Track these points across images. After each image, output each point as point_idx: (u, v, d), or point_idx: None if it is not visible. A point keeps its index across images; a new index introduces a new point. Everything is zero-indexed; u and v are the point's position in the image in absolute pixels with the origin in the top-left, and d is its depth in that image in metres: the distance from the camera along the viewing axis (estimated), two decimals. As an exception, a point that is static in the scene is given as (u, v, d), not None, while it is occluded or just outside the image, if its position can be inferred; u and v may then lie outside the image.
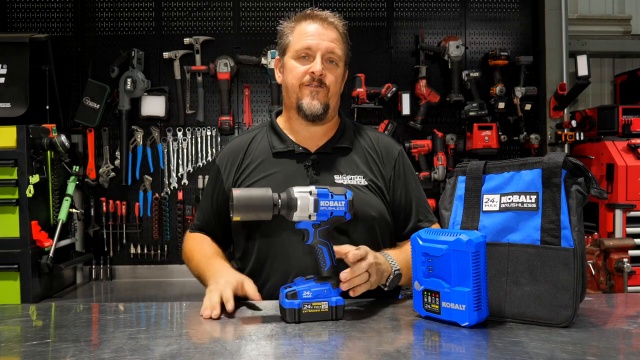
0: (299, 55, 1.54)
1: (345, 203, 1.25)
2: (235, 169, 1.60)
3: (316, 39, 1.52)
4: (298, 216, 1.22)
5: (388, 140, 1.68)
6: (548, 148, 3.29)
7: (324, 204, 1.22)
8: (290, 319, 1.21)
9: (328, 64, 1.53)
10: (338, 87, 1.58)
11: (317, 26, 1.54)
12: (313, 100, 1.52)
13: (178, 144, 3.21)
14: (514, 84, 3.26)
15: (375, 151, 1.61)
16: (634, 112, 3.21)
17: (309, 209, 1.21)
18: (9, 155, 2.52)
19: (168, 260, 3.21)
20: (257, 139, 1.63)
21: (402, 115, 3.23)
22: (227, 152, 1.64)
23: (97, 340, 1.13)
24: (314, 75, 1.51)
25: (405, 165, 1.64)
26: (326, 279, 1.24)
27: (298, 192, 1.21)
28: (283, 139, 1.59)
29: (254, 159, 1.59)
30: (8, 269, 2.53)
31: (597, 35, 3.90)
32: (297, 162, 1.56)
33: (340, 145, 1.59)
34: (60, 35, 3.21)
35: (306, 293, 1.22)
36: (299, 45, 1.53)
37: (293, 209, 1.21)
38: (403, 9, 3.35)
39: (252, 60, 3.17)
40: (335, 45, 1.53)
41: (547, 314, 1.15)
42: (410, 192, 1.61)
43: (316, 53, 1.51)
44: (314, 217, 1.22)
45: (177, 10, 3.26)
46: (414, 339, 1.16)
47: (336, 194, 1.24)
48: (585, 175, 1.17)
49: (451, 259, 1.15)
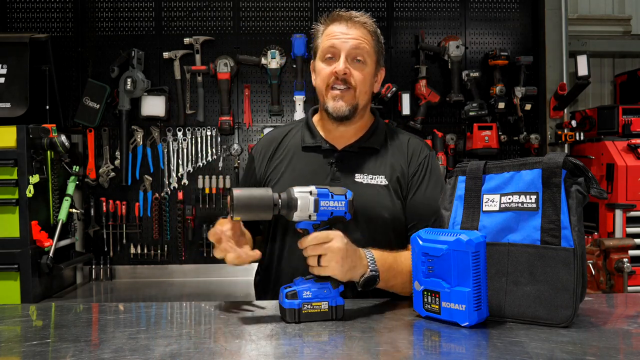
0: (325, 56, 1.54)
1: (345, 203, 1.25)
2: (268, 159, 1.64)
3: (340, 38, 1.51)
4: (298, 216, 1.22)
5: (419, 142, 1.66)
6: (548, 148, 3.29)
7: (324, 204, 1.22)
8: (290, 319, 1.21)
9: (354, 62, 1.52)
10: (367, 86, 1.56)
11: (342, 26, 1.53)
12: (337, 103, 1.52)
13: (178, 144, 3.21)
14: (514, 84, 3.26)
15: (402, 152, 1.61)
16: (634, 112, 3.21)
17: (309, 208, 1.21)
18: (9, 155, 2.52)
19: (168, 260, 3.21)
20: (292, 133, 1.67)
21: (402, 115, 3.23)
22: (263, 143, 1.70)
23: (97, 340, 1.13)
24: (338, 75, 1.50)
25: (429, 169, 1.60)
26: (326, 279, 1.24)
27: (298, 192, 1.21)
28: (314, 135, 1.62)
29: (285, 151, 1.63)
30: (8, 269, 2.53)
31: (597, 35, 3.90)
32: (323, 158, 1.58)
33: (368, 146, 1.59)
34: (60, 35, 3.21)
35: (306, 293, 1.22)
36: (325, 45, 1.54)
37: (293, 209, 1.21)
38: (403, 9, 3.34)
39: (252, 60, 3.17)
40: (360, 41, 1.52)
41: (547, 314, 1.15)
42: (422, 196, 1.57)
43: (340, 52, 1.51)
44: (314, 217, 1.22)
45: (177, 10, 3.26)
46: (414, 339, 1.16)
47: (336, 194, 1.24)
48: (585, 175, 1.17)
49: (451, 259, 1.15)
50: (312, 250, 1.23)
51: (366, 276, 1.30)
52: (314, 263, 1.23)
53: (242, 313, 1.31)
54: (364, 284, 1.31)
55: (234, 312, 1.31)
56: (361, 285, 1.31)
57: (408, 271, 1.40)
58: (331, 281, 1.24)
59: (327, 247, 1.22)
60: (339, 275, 1.24)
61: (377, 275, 1.32)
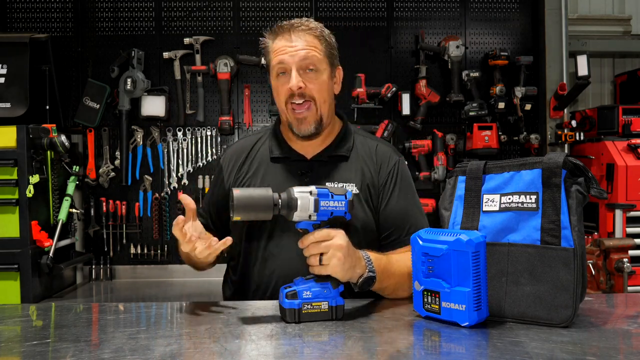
0: (277, 74, 1.50)
1: (345, 203, 1.25)
2: (237, 169, 1.62)
3: (287, 53, 1.47)
4: (298, 216, 1.21)
5: (387, 149, 1.63)
6: (548, 148, 3.29)
7: (324, 204, 1.22)
8: (290, 319, 1.20)
9: (307, 73, 1.48)
10: (326, 94, 1.52)
11: (287, 39, 1.48)
12: (301, 125, 1.51)
13: (178, 144, 3.21)
14: (514, 84, 3.26)
15: (371, 160, 1.59)
16: (634, 112, 3.21)
17: (309, 208, 1.21)
18: (9, 155, 2.52)
19: (168, 260, 3.21)
20: (261, 142, 1.64)
21: (402, 115, 3.23)
22: (231, 153, 1.66)
23: (97, 340, 1.13)
24: (293, 91, 1.47)
25: (399, 177, 1.59)
26: (326, 279, 1.24)
27: (298, 192, 1.21)
28: (281, 145, 1.60)
29: (255, 162, 1.61)
30: (8, 269, 2.52)
31: (597, 35, 3.90)
32: (292, 169, 1.56)
33: (337, 154, 1.58)
34: (60, 35, 3.21)
35: (306, 293, 1.21)
36: (274, 62, 1.50)
37: (293, 209, 1.20)
38: (403, 9, 3.34)
39: (252, 60, 3.17)
40: (309, 50, 1.47)
41: (547, 314, 1.15)
42: (395, 205, 1.56)
43: (291, 67, 1.47)
44: (314, 217, 1.22)
45: (177, 10, 3.26)
46: (414, 339, 1.16)
47: (336, 194, 1.24)
48: (585, 175, 1.17)
49: (451, 259, 1.15)
50: (313, 248, 1.22)
51: (364, 277, 1.30)
52: (315, 262, 1.23)
53: (242, 313, 1.31)
54: (362, 285, 1.30)
55: (234, 312, 1.31)
56: (359, 286, 1.31)
57: (400, 273, 1.41)
58: (331, 281, 1.24)
59: (328, 245, 1.21)
60: (340, 273, 1.23)
61: (375, 277, 1.32)
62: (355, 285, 1.31)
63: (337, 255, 1.21)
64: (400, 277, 1.40)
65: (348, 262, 1.24)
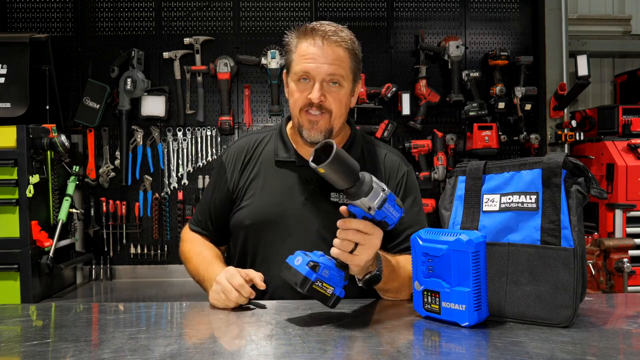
0: (298, 78, 1.47)
1: (399, 217, 1.24)
2: (240, 170, 1.59)
3: (315, 63, 1.43)
4: (361, 202, 1.19)
5: (396, 158, 1.61)
6: (548, 148, 3.29)
7: (387, 207, 1.20)
8: (300, 287, 1.18)
9: (330, 86, 1.45)
10: (343, 109, 1.50)
11: (317, 47, 1.43)
12: (312, 131, 1.48)
13: (178, 144, 3.21)
14: (514, 84, 3.26)
15: (379, 169, 1.57)
16: (634, 112, 3.21)
17: (375, 202, 1.18)
18: (9, 155, 2.52)
19: (168, 260, 3.21)
20: (265, 142, 1.61)
21: (402, 115, 3.23)
22: (234, 150, 1.63)
23: (97, 340, 1.13)
24: (312, 102, 1.44)
25: (407, 189, 1.57)
26: (344, 267, 1.23)
27: (376, 183, 1.19)
28: (287, 148, 1.57)
29: (258, 162, 1.58)
30: (8, 269, 2.52)
31: (597, 35, 3.90)
32: (297, 176, 1.54)
33: None
34: (60, 35, 3.21)
35: (325, 271, 1.20)
36: (298, 68, 1.46)
37: (363, 193, 1.17)
38: (403, 9, 3.34)
39: (252, 60, 3.17)
40: (337, 65, 1.44)
41: (547, 314, 1.15)
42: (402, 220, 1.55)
43: (315, 78, 1.44)
44: (372, 211, 1.19)
45: (177, 10, 3.26)
46: (414, 339, 1.16)
47: (398, 205, 1.23)
48: (585, 175, 1.17)
49: (451, 259, 1.15)
50: (353, 235, 1.21)
51: (372, 273, 1.30)
52: (347, 248, 1.21)
53: (242, 313, 1.31)
54: (368, 282, 1.30)
55: (234, 312, 1.31)
56: (365, 283, 1.30)
57: (403, 277, 1.41)
58: (347, 271, 1.24)
59: (368, 239, 1.21)
60: (359, 268, 1.25)
61: (380, 275, 1.32)
62: (360, 280, 1.31)
63: (369, 252, 1.22)
64: (403, 280, 1.41)
65: (370, 262, 1.26)
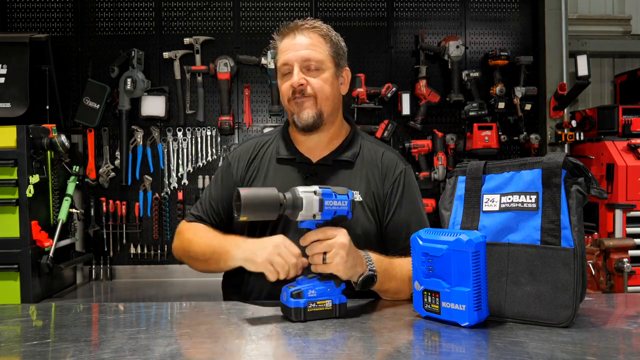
0: (283, 74, 1.55)
1: (348, 202, 1.26)
2: (245, 166, 1.62)
3: (292, 52, 1.51)
4: (303, 215, 1.22)
5: (393, 157, 1.62)
6: (548, 148, 3.29)
7: (328, 204, 1.23)
8: (295, 317, 1.20)
9: (310, 71, 1.51)
10: (328, 91, 1.54)
11: (293, 38, 1.53)
12: (302, 112, 1.52)
13: (178, 144, 3.21)
14: (514, 84, 3.26)
15: (377, 167, 1.58)
16: (634, 112, 3.21)
17: (314, 208, 1.21)
18: (9, 155, 2.52)
19: (168, 260, 3.20)
20: (268, 143, 1.65)
21: (402, 115, 3.23)
22: (240, 150, 1.67)
23: (97, 340, 1.13)
24: (294, 88, 1.51)
25: (405, 187, 1.57)
26: (329, 277, 1.24)
27: (303, 192, 1.22)
28: (289, 146, 1.61)
29: (262, 162, 1.62)
30: (8, 269, 2.52)
31: (597, 35, 3.90)
32: (297, 172, 1.57)
33: (342, 159, 1.58)
34: (60, 35, 3.21)
35: (311, 292, 1.22)
36: (280, 63, 1.55)
37: (298, 208, 1.21)
38: (403, 9, 3.34)
39: (252, 60, 3.17)
40: (311, 50, 1.51)
41: (547, 314, 1.15)
42: (398, 219, 1.54)
43: (293, 65, 1.51)
44: (318, 216, 1.22)
45: (177, 10, 3.26)
46: (414, 339, 1.16)
47: (339, 194, 1.25)
48: (585, 175, 1.17)
49: (451, 259, 1.15)
50: (316, 246, 1.23)
51: (365, 275, 1.30)
52: (318, 261, 1.23)
53: (242, 313, 1.31)
54: (363, 284, 1.31)
55: (234, 312, 1.31)
56: (359, 285, 1.31)
57: (401, 277, 1.41)
58: (334, 279, 1.24)
59: (331, 243, 1.22)
60: (343, 271, 1.24)
61: (375, 275, 1.32)
62: (355, 284, 1.31)
63: (340, 254, 1.22)
64: (402, 281, 1.41)
65: (350, 261, 1.25)
